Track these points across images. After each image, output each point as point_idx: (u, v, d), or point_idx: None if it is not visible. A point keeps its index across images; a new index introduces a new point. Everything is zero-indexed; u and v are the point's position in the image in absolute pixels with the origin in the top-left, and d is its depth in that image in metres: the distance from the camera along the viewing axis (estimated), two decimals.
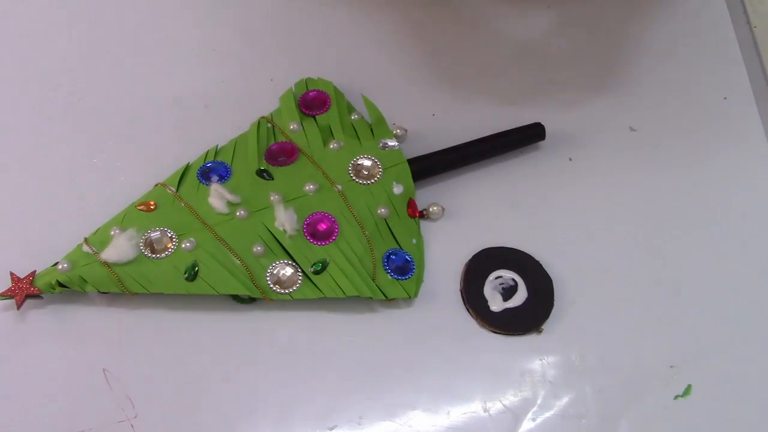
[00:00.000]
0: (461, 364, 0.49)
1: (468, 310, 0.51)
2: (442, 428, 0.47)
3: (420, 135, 0.57)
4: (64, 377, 0.48)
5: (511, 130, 0.57)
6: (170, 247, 0.49)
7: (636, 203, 0.56)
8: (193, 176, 0.53)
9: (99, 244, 0.49)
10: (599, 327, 0.51)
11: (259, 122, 0.56)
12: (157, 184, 0.53)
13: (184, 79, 0.59)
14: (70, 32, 0.61)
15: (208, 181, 0.53)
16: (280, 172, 0.53)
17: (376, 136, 0.55)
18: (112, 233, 0.49)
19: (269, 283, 0.49)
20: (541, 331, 0.51)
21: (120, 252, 0.48)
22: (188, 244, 0.49)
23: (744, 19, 0.65)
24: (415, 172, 0.54)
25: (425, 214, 0.54)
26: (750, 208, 0.56)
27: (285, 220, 0.51)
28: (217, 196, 0.51)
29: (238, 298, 0.50)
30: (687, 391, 0.49)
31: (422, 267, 0.52)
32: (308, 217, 0.51)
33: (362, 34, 0.63)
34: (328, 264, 0.50)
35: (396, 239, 0.52)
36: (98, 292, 0.49)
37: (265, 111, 0.57)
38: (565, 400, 0.48)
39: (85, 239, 0.50)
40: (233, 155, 0.54)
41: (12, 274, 0.49)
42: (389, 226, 0.52)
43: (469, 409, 0.48)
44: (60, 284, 0.48)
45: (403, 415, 0.48)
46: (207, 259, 0.49)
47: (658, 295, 0.52)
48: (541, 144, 0.57)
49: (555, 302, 0.51)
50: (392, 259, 0.51)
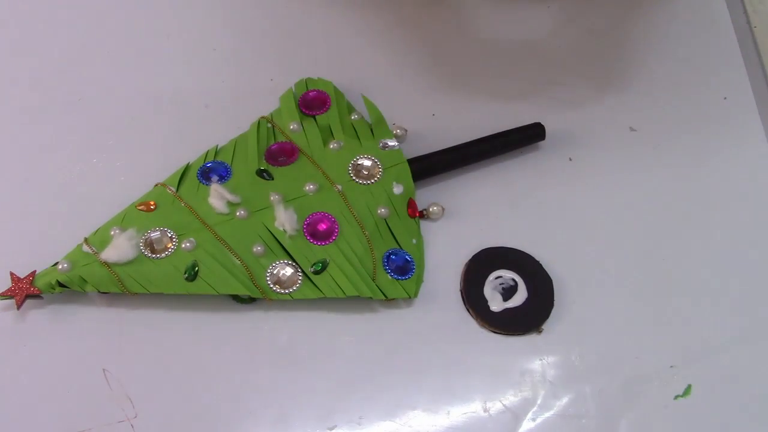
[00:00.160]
0: (461, 364, 0.49)
1: (468, 310, 0.51)
2: (442, 428, 0.47)
3: (420, 135, 0.57)
4: (64, 377, 0.48)
5: (511, 130, 0.57)
6: (170, 247, 0.49)
7: (636, 203, 0.56)
8: (193, 176, 0.53)
9: (99, 244, 0.49)
10: (599, 327, 0.51)
11: (259, 122, 0.56)
12: (157, 184, 0.53)
13: (184, 79, 0.59)
14: (70, 32, 0.61)
15: (208, 181, 0.53)
16: (280, 172, 0.53)
17: (376, 136, 0.55)
18: (112, 233, 0.49)
19: (269, 283, 0.49)
20: (541, 331, 0.51)
21: (120, 252, 0.48)
22: (188, 244, 0.49)
23: (744, 19, 0.65)
24: (415, 172, 0.54)
25: (425, 214, 0.54)
26: (750, 207, 0.56)
27: (285, 220, 0.51)
28: (217, 196, 0.51)
29: (238, 298, 0.50)
30: (687, 391, 0.49)
31: (422, 267, 0.52)
32: (308, 217, 0.51)
33: (362, 34, 0.63)
34: (328, 264, 0.50)
35: (396, 239, 0.52)
36: (98, 292, 0.49)
37: (265, 111, 0.57)
38: (565, 400, 0.48)
39: (85, 239, 0.50)
40: (233, 155, 0.54)
41: (12, 274, 0.49)
42: (389, 226, 0.52)
43: (469, 409, 0.48)
44: (60, 284, 0.48)
45: (403, 415, 0.48)
46: (207, 259, 0.49)
47: (658, 295, 0.52)
48: (541, 144, 0.57)
49: (555, 302, 0.51)
50: (392, 259, 0.51)
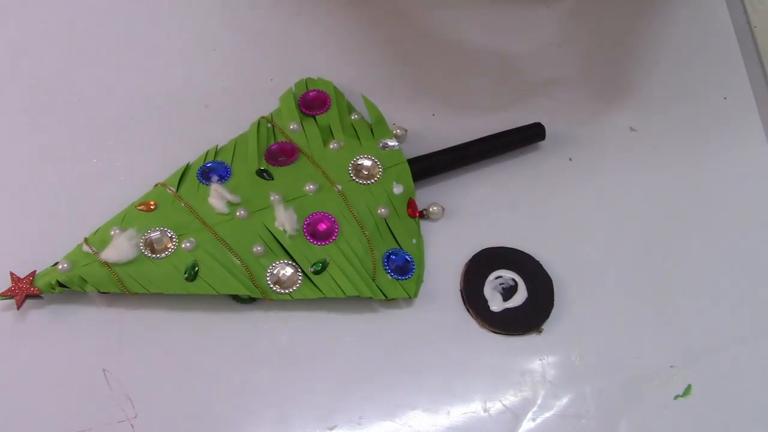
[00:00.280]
0: (461, 364, 0.49)
1: (468, 310, 0.51)
2: (442, 428, 0.47)
3: (420, 135, 0.57)
4: (64, 377, 0.48)
5: (511, 130, 0.57)
6: (170, 247, 0.49)
7: (636, 203, 0.56)
8: (193, 176, 0.53)
9: (99, 244, 0.49)
10: (599, 327, 0.51)
11: (259, 122, 0.56)
12: (157, 184, 0.53)
13: (184, 79, 0.59)
14: (70, 32, 0.61)
15: (208, 181, 0.53)
16: (280, 172, 0.53)
17: (376, 136, 0.55)
18: (112, 233, 0.49)
19: (269, 283, 0.49)
20: (541, 331, 0.51)
21: (120, 252, 0.48)
22: (188, 244, 0.49)
23: (744, 19, 0.65)
24: (415, 172, 0.54)
25: (425, 214, 0.54)
26: (750, 207, 0.56)
27: (285, 220, 0.51)
28: (217, 196, 0.51)
29: (238, 298, 0.50)
30: (687, 391, 0.49)
31: (422, 267, 0.52)
32: (308, 217, 0.51)
33: (363, 34, 0.63)
34: (328, 264, 0.50)
35: (396, 239, 0.52)
36: (98, 292, 0.49)
37: (265, 111, 0.57)
38: (565, 400, 0.48)
39: (85, 239, 0.50)
40: (233, 155, 0.54)
41: (12, 274, 0.49)
42: (389, 226, 0.52)
43: (469, 409, 0.48)
44: (60, 284, 0.48)
45: (403, 415, 0.48)
46: (207, 259, 0.49)
47: (658, 295, 0.52)
48: (541, 144, 0.57)
49: (555, 302, 0.51)
50: (392, 259, 0.51)
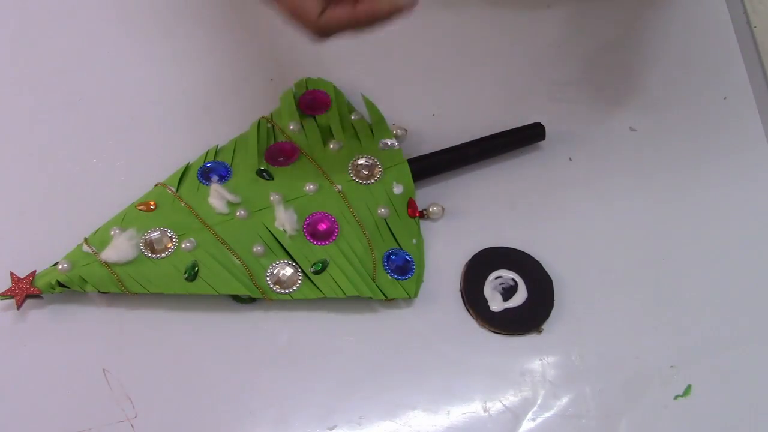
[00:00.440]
0: (461, 364, 0.49)
1: (468, 310, 0.51)
2: (442, 428, 0.47)
3: (420, 135, 0.57)
4: (64, 377, 0.48)
5: (511, 130, 0.57)
6: (170, 247, 0.49)
7: (636, 203, 0.56)
8: (193, 176, 0.53)
9: (99, 244, 0.49)
10: (599, 327, 0.51)
11: (259, 122, 0.56)
12: (157, 184, 0.53)
13: (184, 79, 0.59)
14: (70, 32, 0.61)
15: (208, 181, 0.53)
16: (280, 172, 0.53)
17: (376, 136, 0.55)
18: (112, 233, 0.49)
19: (269, 283, 0.49)
20: (541, 331, 0.51)
21: (120, 252, 0.48)
22: (188, 244, 0.49)
23: (744, 19, 0.65)
24: (415, 172, 0.54)
25: (425, 214, 0.54)
26: (750, 207, 0.56)
27: (285, 220, 0.51)
28: (217, 196, 0.51)
29: (238, 298, 0.50)
30: (687, 391, 0.49)
31: (422, 267, 0.52)
32: (308, 217, 0.51)
33: (363, 34, 0.63)
34: (328, 264, 0.50)
35: (396, 239, 0.52)
36: (98, 292, 0.49)
37: (265, 111, 0.57)
38: (565, 400, 0.48)
39: (85, 239, 0.50)
40: (233, 155, 0.54)
41: (12, 274, 0.49)
42: (389, 226, 0.52)
43: (469, 409, 0.48)
44: (60, 284, 0.48)
45: (403, 415, 0.48)
46: (207, 259, 0.49)
47: (658, 295, 0.52)
48: (541, 144, 0.57)
49: (555, 302, 0.51)
50: (392, 259, 0.51)
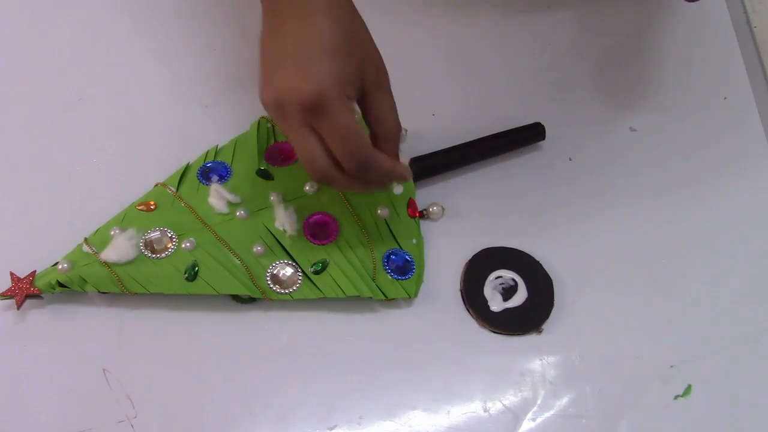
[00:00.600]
0: (461, 364, 0.49)
1: (468, 310, 0.51)
2: (442, 428, 0.47)
3: (420, 135, 0.57)
4: (64, 377, 0.48)
5: (511, 130, 0.57)
6: (170, 247, 0.49)
7: (635, 203, 0.56)
8: (193, 176, 0.53)
9: (99, 244, 0.49)
10: (599, 327, 0.51)
11: (259, 122, 0.56)
12: (157, 184, 0.53)
13: (184, 79, 0.59)
14: (71, 32, 0.61)
15: (208, 181, 0.53)
16: (280, 172, 0.53)
17: None
18: (112, 233, 0.49)
19: (269, 283, 0.49)
20: (541, 331, 0.51)
21: (120, 252, 0.48)
22: (188, 244, 0.49)
23: (744, 19, 0.65)
24: (415, 172, 0.54)
25: (425, 214, 0.54)
26: (750, 207, 0.56)
27: (285, 220, 0.51)
28: (217, 196, 0.51)
29: (238, 298, 0.50)
30: (687, 391, 0.49)
31: (422, 267, 0.52)
32: (308, 217, 0.51)
33: None
34: (328, 264, 0.50)
35: (396, 239, 0.52)
36: (98, 292, 0.49)
37: (265, 111, 0.57)
38: (565, 400, 0.48)
39: (85, 239, 0.50)
40: (233, 155, 0.54)
41: (12, 274, 0.49)
42: (389, 226, 0.52)
43: (469, 409, 0.48)
44: (60, 284, 0.48)
45: (403, 415, 0.48)
46: (207, 259, 0.49)
47: (658, 295, 0.52)
48: (541, 144, 0.58)
49: (555, 302, 0.51)
50: (392, 259, 0.51)
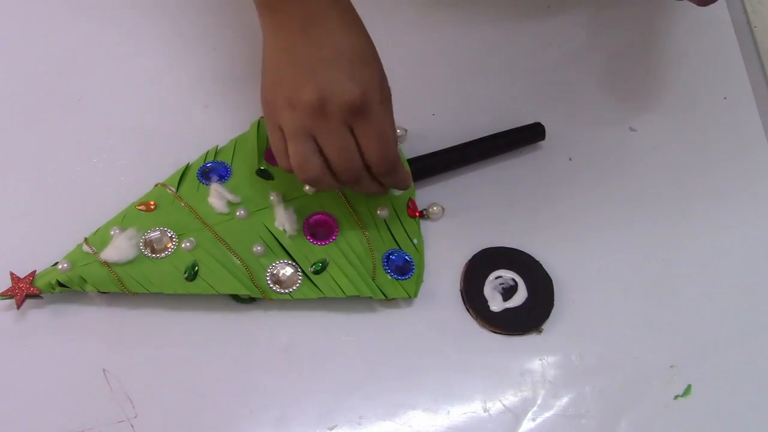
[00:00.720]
0: (461, 364, 0.49)
1: (468, 310, 0.51)
2: (442, 428, 0.47)
3: (420, 135, 0.57)
4: (64, 377, 0.48)
5: (511, 130, 0.57)
6: (170, 247, 0.49)
7: (636, 203, 0.56)
8: (193, 176, 0.53)
9: (99, 244, 0.49)
10: (599, 327, 0.51)
11: (259, 122, 0.56)
12: (157, 184, 0.53)
13: (183, 79, 0.59)
14: (71, 32, 0.61)
15: (208, 181, 0.53)
16: (280, 172, 0.53)
17: None
18: (112, 233, 0.49)
19: (269, 282, 0.49)
20: (541, 331, 0.51)
21: (120, 252, 0.48)
22: (188, 244, 0.49)
23: (744, 19, 0.65)
24: (415, 172, 0.54)
25: (425, 214, 0.54)
26: (750, 207, 0.56)
27: (285, 219, 0.51)
28: (217, 196, 0.51)
29: (238, 298, 0.50)
30: (687, 391, 0.49)
31: (422, 267, 0.52)
32: (308, 217, 0.51)
33: None
34: (328, 264, 0.50)
35: (396, 239, 0.52)
36: (98, 292, 0.49)
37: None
38: (565, 400, 0.48)
39: (85, 239, 0.50)
40: (233, 155, 0.54)
41: (12, 274, 0.49)
42: (389, 227, 0.52)
43: (469, 409, 0.48)
44: (60, 284, 0.48)
45: (403, 415, 0.48)
46: (207, 259, 0.49)
47: (658, 295, 0.52)
48: (541, 144, 0.57)
49: (555, 302, 0.51)
50: (392, 259, 0.51)
